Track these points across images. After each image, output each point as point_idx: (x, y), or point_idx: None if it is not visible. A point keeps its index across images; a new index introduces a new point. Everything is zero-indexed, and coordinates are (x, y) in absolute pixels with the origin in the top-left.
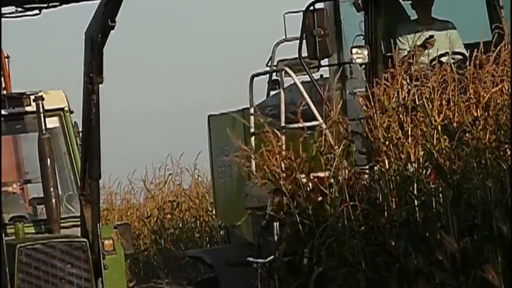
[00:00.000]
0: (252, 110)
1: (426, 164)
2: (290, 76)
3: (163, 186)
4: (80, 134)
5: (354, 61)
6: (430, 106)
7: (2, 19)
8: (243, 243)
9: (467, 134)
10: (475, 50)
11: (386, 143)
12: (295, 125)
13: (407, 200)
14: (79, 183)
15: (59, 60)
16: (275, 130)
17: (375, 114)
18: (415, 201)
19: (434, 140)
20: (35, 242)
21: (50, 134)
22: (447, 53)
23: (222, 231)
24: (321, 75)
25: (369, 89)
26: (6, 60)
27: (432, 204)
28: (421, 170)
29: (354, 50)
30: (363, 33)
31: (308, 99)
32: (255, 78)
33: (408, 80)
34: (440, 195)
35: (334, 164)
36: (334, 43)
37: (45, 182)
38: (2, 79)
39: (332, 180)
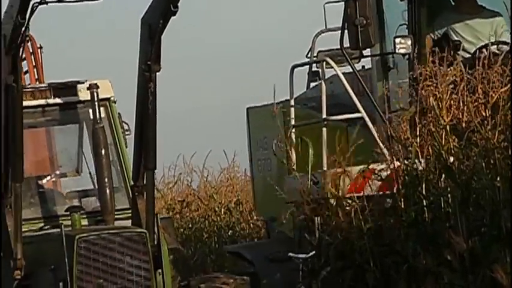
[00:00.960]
0: (292, 102)
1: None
2: (331, 67)
3: (173, 185)
4: (124, 124)
5: (397, 51)
6: (440, 106)
7: (61, 4)
8: (283, 238)
9: (475, 134)
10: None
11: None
12: (337, 117)
13: (415, 200)
14: (126, 175)
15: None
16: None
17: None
18: (424, 201)
19: (443, 140)
20: (93, 233)
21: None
22: (491, 43)
23: (230, 231)
24: (363, 66)
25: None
26: (39, 50)
27: (441, 204)
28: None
29: (397, 40)
30: (406, 23)
31: (350, 90)
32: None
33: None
34: (449, 195)
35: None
36: (377, 33)
37: (100, 172)
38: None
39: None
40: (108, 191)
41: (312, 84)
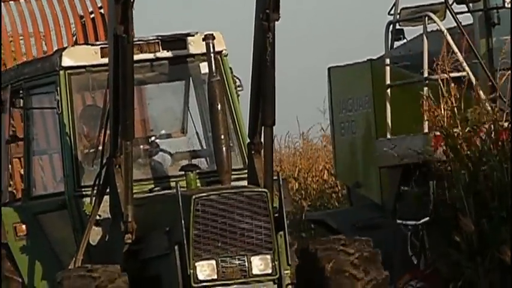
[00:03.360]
0: (387, 61)
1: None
2: (434, 22)
3: None
4: (236, 79)
5: (506, 5)
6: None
7: None
8: (367, 204)
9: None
10: None
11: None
12: (440, 76)
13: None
14: (240, 133)
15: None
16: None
17: None
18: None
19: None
20: (212, 192)
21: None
22: None
23: None
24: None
25: None
26: None
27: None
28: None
29: None
30: None
31: (455, 47)
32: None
33: None
34: (457, 176)
35: None
36: None
37: (216, 129)
38: None
39: None
40: (224, 148)
41: (396, 43)
